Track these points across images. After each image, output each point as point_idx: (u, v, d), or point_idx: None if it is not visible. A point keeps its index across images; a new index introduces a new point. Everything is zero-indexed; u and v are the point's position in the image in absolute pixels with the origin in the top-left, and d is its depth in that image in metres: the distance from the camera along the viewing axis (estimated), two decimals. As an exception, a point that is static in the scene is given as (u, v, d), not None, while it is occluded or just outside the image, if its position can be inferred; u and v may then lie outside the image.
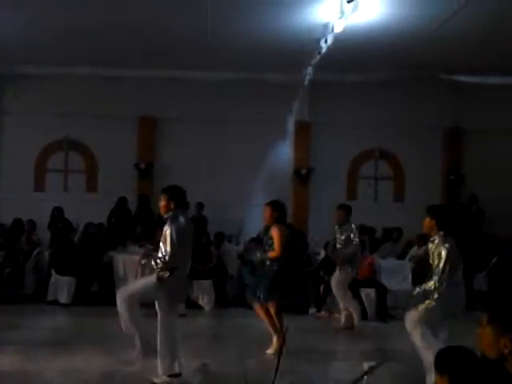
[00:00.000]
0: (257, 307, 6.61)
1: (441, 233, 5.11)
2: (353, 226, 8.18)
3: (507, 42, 9.74)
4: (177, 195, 5.38)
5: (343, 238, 8.10)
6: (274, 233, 6.47)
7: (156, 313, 5.37)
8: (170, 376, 5.23)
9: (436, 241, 5.12)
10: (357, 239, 8.13)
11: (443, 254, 5.00)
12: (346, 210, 8.22)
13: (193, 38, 10.03)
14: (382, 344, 7.58)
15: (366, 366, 3.23)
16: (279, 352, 2.93)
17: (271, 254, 6.46)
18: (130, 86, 12.43)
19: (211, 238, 10.66)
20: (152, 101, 12.53)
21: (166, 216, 5.34)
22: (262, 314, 6.58)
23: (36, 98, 12.47)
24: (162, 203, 5.36)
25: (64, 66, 11.96)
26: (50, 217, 11.79)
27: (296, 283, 6.89)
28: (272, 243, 6.48)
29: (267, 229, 6.64)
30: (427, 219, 5.20)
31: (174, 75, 12.32)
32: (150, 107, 12.61)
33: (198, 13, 8.91)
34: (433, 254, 5.10)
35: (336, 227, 8.31)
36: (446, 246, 5.02)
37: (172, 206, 5.30)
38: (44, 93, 12.47)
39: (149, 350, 5.42)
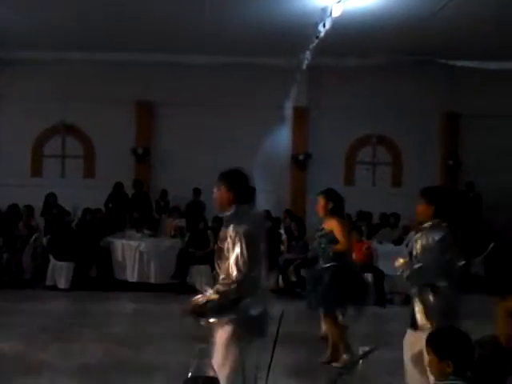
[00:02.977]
0: (324, 317, 5.80)
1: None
2: None
3: (506, 26, 9.69)
4: (237, 183, 3.50)
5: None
6: (334, 226, 5.64)
7: None
8: None
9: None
10: None
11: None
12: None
13: (191, 22, 9.96)
14: (379, 328, 7.64)
15: (360, 350, 3.26)
16: (275, 336, 2.91)
17: (337, 247, 5.63)
18: (126, 71, 12.34)
19: (209, 222, 10.67)
20: (149, 85, 12.46)
21: (222, 214, 3.51)
22: (328, 324, 5.69)
23: (32, 83, 12.37)
24: (216, 194, 3.52)
25: (60, 50, 11.89)
26: (43, 204, 11.73)
27: (356, 286, 5.72)
28: (324, 237, 5.70)
29: (321, 222, 5.84)
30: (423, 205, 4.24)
31: (171, 59, 12.24)
32: (148, 92, 12.54)
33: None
34: None
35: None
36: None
37: (231, 198, 3.44)
38: (40, 78, 12.38)
39: None
